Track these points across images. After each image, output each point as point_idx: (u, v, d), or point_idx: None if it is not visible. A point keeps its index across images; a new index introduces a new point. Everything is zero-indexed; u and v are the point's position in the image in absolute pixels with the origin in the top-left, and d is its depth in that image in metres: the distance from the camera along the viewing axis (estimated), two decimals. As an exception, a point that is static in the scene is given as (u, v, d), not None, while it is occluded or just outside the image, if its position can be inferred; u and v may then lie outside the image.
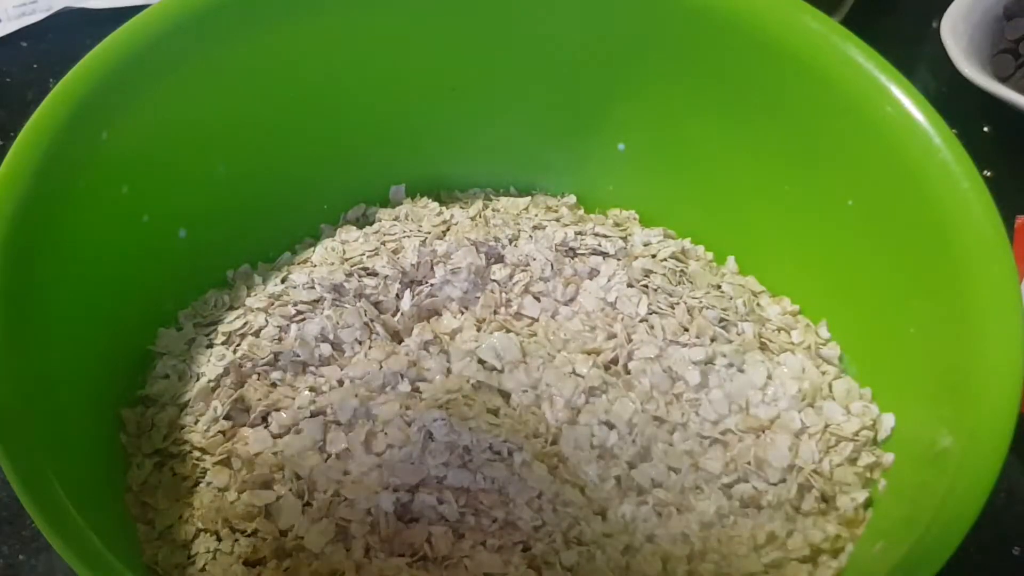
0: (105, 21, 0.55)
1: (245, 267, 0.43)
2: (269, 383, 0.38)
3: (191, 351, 0.40)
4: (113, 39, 0.36)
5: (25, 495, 0.28)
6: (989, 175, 0.37)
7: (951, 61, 0.52)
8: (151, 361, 0.39)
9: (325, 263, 0.42)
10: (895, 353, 0.37)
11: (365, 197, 0.46)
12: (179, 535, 0.35)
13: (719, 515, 0.36)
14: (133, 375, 0.39)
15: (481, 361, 0.39)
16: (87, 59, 0.36)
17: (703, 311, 0.40)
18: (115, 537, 0.32)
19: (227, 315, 0.41)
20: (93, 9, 0.57)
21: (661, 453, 0.37)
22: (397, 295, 0.41)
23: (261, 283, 0.42)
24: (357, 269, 0.41)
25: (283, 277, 0.42)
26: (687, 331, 0.40)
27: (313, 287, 0.40)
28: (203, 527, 0.35)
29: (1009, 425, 0.30)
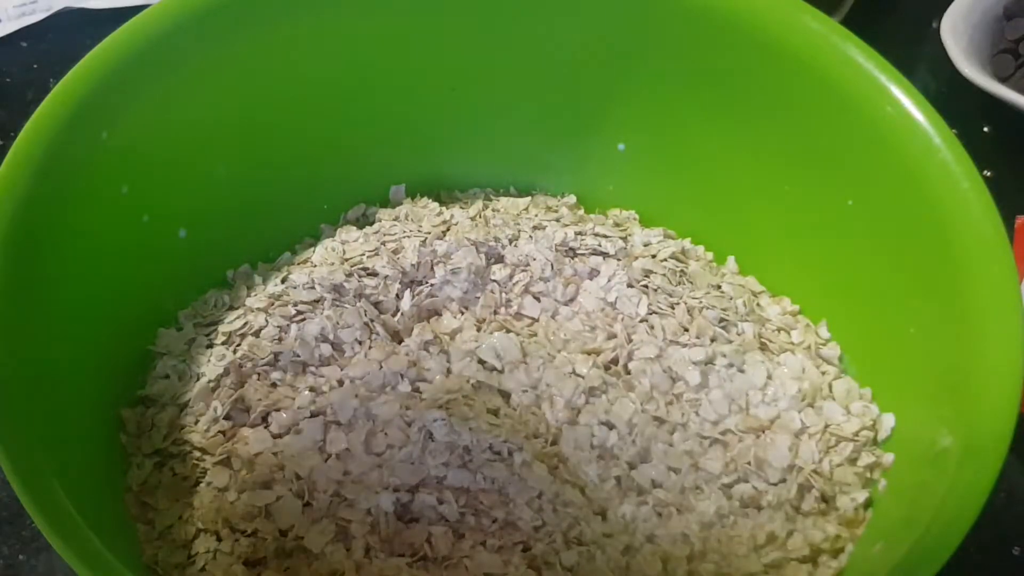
0: (105, 21, 0.55)
1: (245, 267, 0.43)
2: (269, 383, 0.38)
3: (191, 351, 0.40)
4: (113, 39, 0.36)
5: (25, 495, 0.28)
6: (989, 175, 0.37)
7: (951, 61, 0.52)
8: (151, 361, 0.39)
9: (325, 263, 0.42)
10: (895, 353, 0.37)
11: (365, 197, 0.46)
12: (179, 535, 0.35)
13: (719, 515, 0.36)
14: (133, 375, 0.39)
15: (481, 361, 0.39)
16: (87, 59, 0.36)
17: (703, 311, 0.40)
18: (115, 537, 0.32)
19: (227, 315, 0.41)
20: (93, 9, 0.57)
21: (661, 453, 0.37)
22: (397, 295, 0.41)
23: (261, 283, 0.42)
24: (357, 269, 0.41)
25: (283, 277, 0.42)
26: (687, 331, 0.40)
27: (313, 287, 0.40)
28: (203, 527, 0.35)
29: (1009, 425, 0.30)
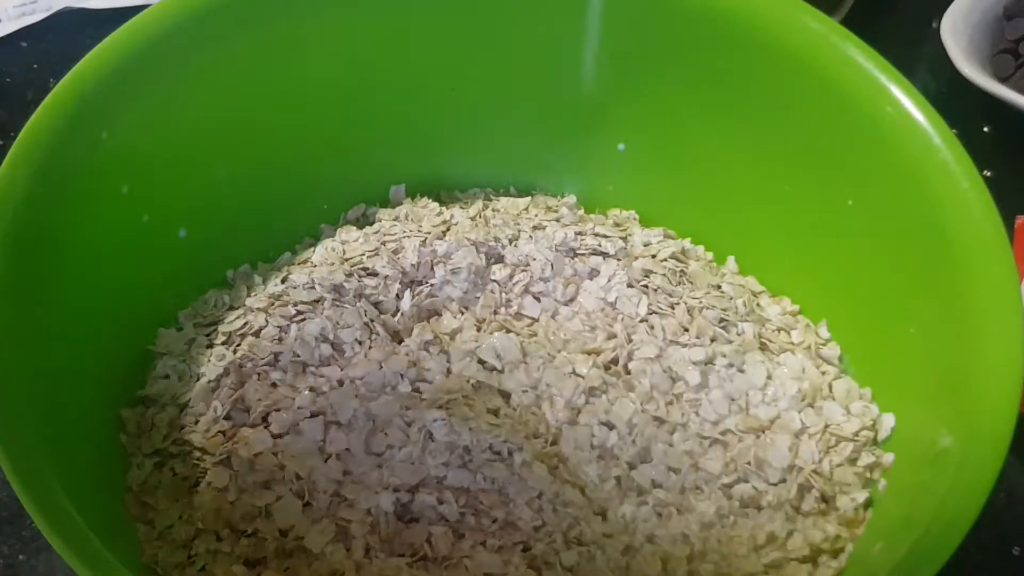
0: (105, 21, 0.55)
1: (245, 267, 0.43)
2: (269, 383, 0.38)
3: (191, 351, 0.40)
4: (113, 39, 0.36)
5: (25, 495, 0.28)
6: (989, 175, 0.37)
7: (951, 61, 0.52)
8: (151, 361, 0.39)
9: (325, 263, 0.42)
10: (895, 353, 0.37)
11: (365, 197, 0.46)
12: (179, 535, 0.35)
13: (719, 515, 0.36)
14: (133, 375, 0.39)
15: (481, 361, 0.39)
16: (87, 59, 0.36)
17: (703, 311, 0.40)
18: (115, 537, 0.32)
19: (227, 315, 0.41)
20: (93, 9, 0.57)
21: (661, 453, 0.37)
22: (397, 295, 0.41)
23: (261, 283, 0.42)
24: (357, 269, 0.41)
25: (283, 277, 0.42)
26: (687, 331, 0.40)
27: (313, 287, 0.40)
28: (203, 527, 0.35)
29: (1009, 425, 0.30)
